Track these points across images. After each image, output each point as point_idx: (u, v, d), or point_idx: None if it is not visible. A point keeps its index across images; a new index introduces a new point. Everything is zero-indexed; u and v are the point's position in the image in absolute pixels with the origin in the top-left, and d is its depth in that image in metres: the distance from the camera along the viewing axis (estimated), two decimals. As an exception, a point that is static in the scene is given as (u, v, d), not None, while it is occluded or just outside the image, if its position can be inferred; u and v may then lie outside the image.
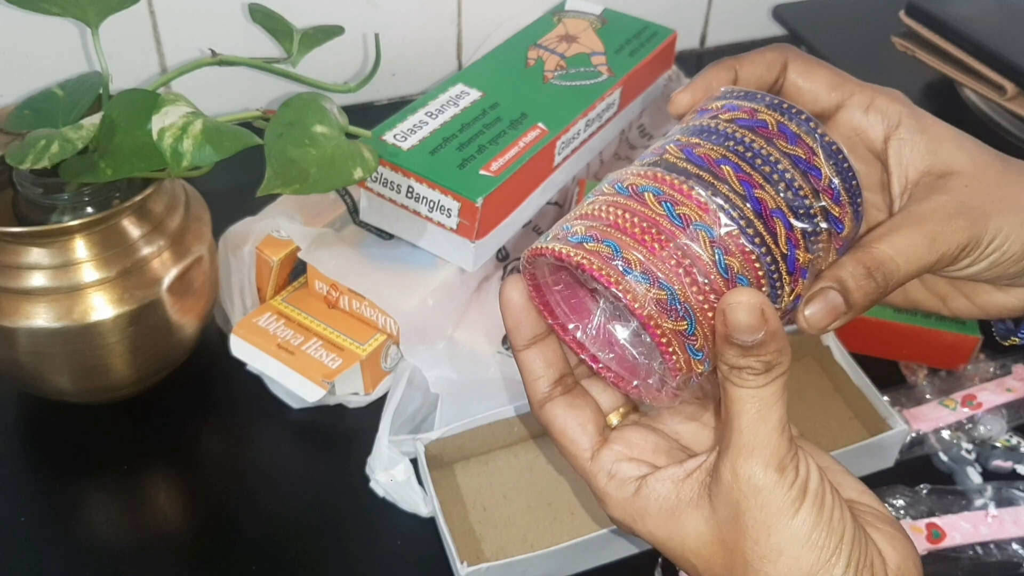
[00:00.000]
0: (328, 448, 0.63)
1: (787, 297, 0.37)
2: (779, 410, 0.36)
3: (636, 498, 0.39)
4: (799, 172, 0.37)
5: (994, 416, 0.63)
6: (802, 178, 0.37)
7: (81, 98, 0.59)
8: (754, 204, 0.36)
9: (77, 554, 0.57)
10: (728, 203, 0.36)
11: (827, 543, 0.35)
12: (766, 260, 0.36)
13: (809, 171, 0.37)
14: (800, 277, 0.37)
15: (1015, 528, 0.57)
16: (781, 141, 0.37)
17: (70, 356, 0.58)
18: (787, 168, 0.37)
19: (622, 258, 0.35)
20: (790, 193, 0.36)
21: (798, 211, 0.36)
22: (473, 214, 0.60)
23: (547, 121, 0.67)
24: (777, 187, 0.36)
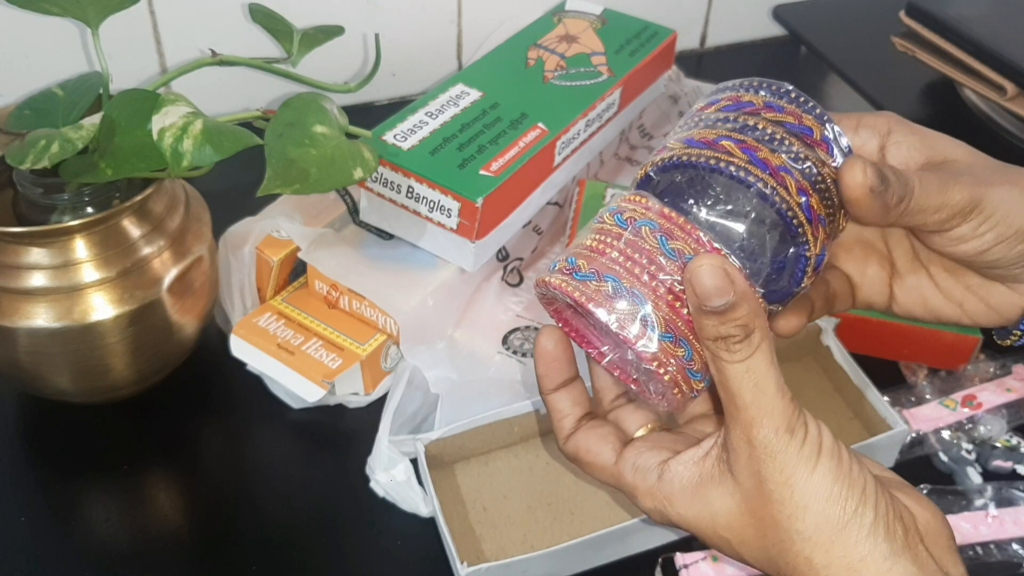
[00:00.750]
0: (328, 448, 0.63)
1: (815, 247, 0.39)
2: (774, 375, 0.37)
3: (661, 483, 0.40)
4: (792, 134, 0.39)
5: (994, 416, 0.63)
6: (795, 138, 0.39)
7: (81, 98, 0.59)
8: (760, 166, 0.38)
9: (77, 554, 0.57)
10: (740, 170, 0.38)
11: (850, 495, 0.36)
12: (786, 214, 0.38)
13: (802, 131, 0.40)
14: (820, 224, 0.39)
15: (1015, 528, 0.57)
16: (769, 113, 0.40)
17: (70, 356, 0.58)
18: (781, 133, 0.39)
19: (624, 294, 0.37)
20: (790, 152, 0.39)
21: (801, 162, 0.39)
22: (473, 214, 0.60)
23: (547, 121, 0.67)
24: (777, 148, 0.39)
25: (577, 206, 0.69)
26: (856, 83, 0.78)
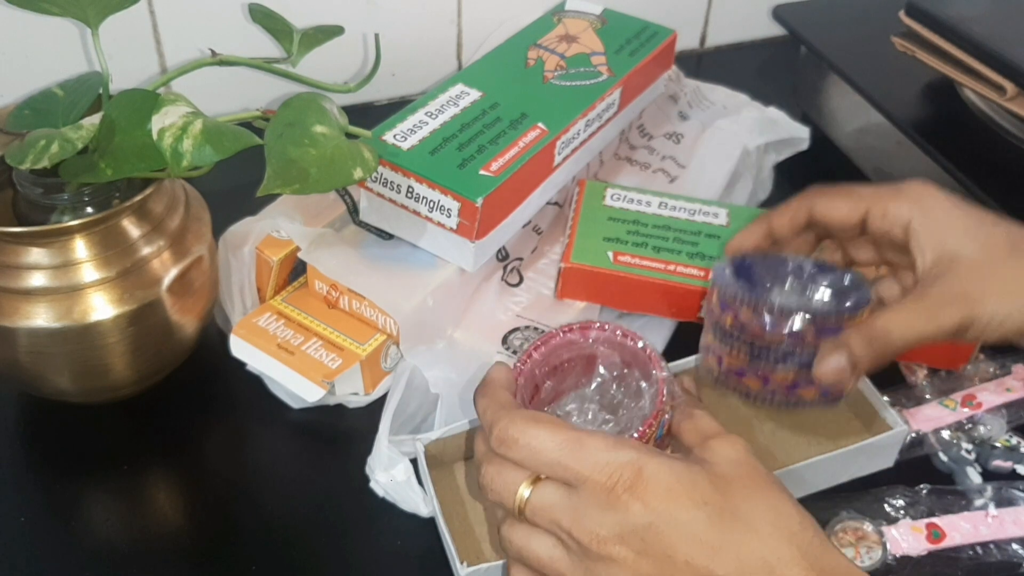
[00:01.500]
0: (328, 448, 0.63)
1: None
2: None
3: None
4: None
5: (994, 416, 0.63)
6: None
7: (81, 98, 0.59)
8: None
9: (77, 554, 0.57)
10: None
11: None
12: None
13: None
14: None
15: (1015, 528, 0.57)
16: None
17: (70, 356, 0.58)
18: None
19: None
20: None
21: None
22: (473, 214, 0.60)
23: (547, 121, 0.67)
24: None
25: (577, 206, 0.69)
26: (856, 83, 0.78)
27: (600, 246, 0.66)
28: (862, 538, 0.55)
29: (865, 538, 0.56)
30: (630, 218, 0.68)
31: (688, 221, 0.68)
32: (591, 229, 0.67)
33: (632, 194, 0.70)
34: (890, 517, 0.57)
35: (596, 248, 0.65)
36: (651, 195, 0.70)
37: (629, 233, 0.67)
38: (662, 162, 0.78)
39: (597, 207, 0.69)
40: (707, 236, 0.67)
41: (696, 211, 0.69)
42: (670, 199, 0.70)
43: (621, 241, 0.66)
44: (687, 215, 0.69)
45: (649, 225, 0.68)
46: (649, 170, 0.78)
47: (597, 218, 0.68)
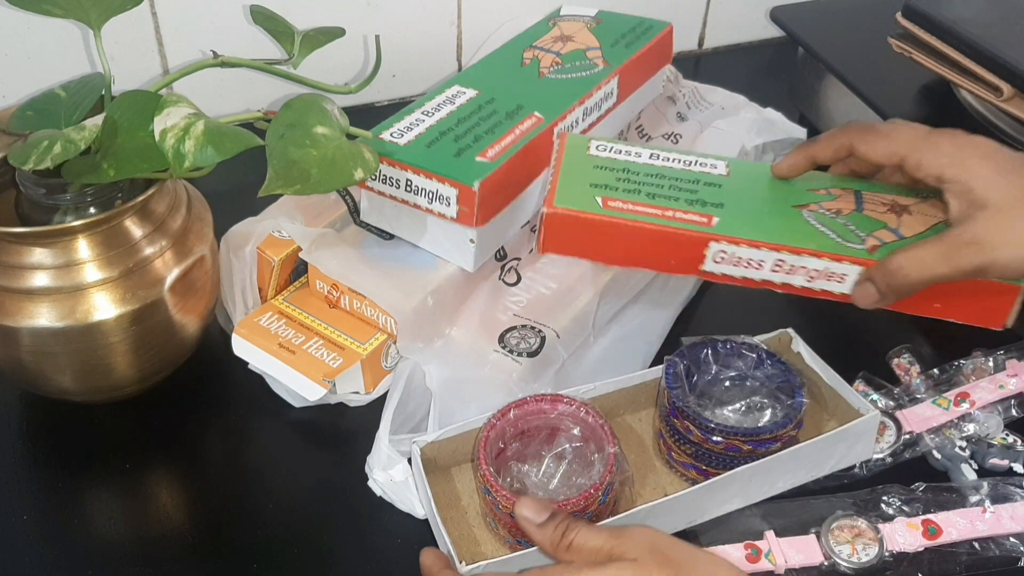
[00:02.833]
0: (329, 447, 0.64)
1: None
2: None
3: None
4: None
5: (989, 414, 0.63)
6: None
7: (83, 99, 0.59)
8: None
9: (79, 552, 0.57)
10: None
11: None
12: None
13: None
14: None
15: (1012, 523, 0.57)
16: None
17: (73, 356, 0.58)
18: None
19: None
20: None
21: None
22: (471, 199, 0.60)
23: (543, 110, 0.67)
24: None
25: (559, 159, 0.61)
26: (853, 84, 0.78)
27: (587, 191, 0.57)
28: (858, 535, 0.56)
29: (861, 535, 0.56)
30: (619, 166, 0.60)
31: (684, 170, 0.60)
32: (575, 177, 0.58)
33: (620, 145, 0.62)
34: (886, 515, 0.58)
35: (583, 193, 0.57)
36: (640, 146, 0.62)
37: (619, 180, 0.58)
38: (660, 163, 0.78)
39: (581, 157, 0.61)
40: (706, 184, 0.59)
41: (693, 162, 0.61)
42: (662, 151, 0.62)
43: (610, 187, 0.58)
44: (682, 165, 0.61)
45: (641, 173, 0.59)
46: (648, 171, 0.78)
47: (582, 167, 0.60)
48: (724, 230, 0.54)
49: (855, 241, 0.54)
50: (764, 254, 0.54)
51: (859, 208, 0.57)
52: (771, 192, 0.59)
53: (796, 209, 0.57)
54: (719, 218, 0.55)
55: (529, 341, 0.63)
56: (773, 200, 0.58)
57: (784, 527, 0.57)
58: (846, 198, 0.58)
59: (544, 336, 0.63)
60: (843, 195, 0.58)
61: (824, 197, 0.58)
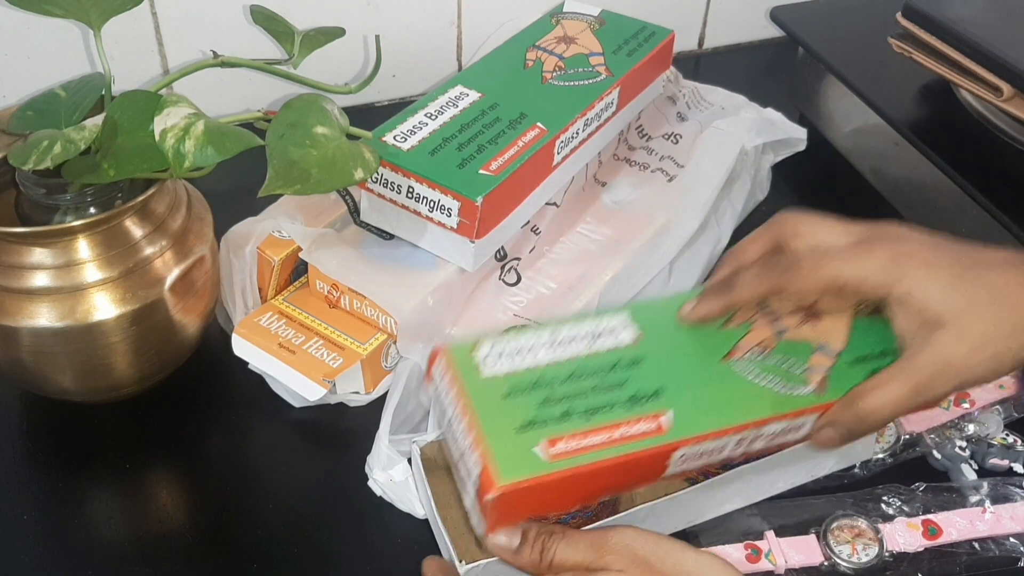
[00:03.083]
0: (329, 447, 0.64)
1: None
2: None
3: None
4: None
5: (989, 414, 0.63)
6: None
7: (84, 99, 0.59)
8: None
9: (79, 552, 0.57)
10: None
11: None
12: None
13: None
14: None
15: (1012, 524, 0.57)
16: None
17: (73, 356, 0.58)
18: None
19: None
20: None
21: None
22: (473, 213, 0.61)
23: (546, 121, 0.67)
24: None
25: (457, 394, 0.50)
26: (853, 84, 0.78)
27: (521, 443, 0.47)
28: (858, 535, 0.56)
29: (861, 535, 0.56)
30: (529, 382, 0.50)
31: (594, 356, 0.51)
32: (496, 422, 0.48)
33: (508, 343, 0.52)
34: (886, 515, 0.58)
35: (519, 448, 0.47)
36: (528, 333, 0.52)
37: (541, 405, 0.49)
38: (660, 162, 0.78)
39: (484, 388, 0.50)
40: (627, 366, 0.51)
41: (594, 334, 0.52)
42: (556, 327, 0.52)
43: (541, 423, 0.48)
44: (587, 345, 0.52)
45: (555, 381, 0.50)
46: (648, 170, 0.78)
47: (494, 405, 0.49)
48: (679, 432, 0.48)
49: (799, 383, 0.50)
50: (725, 440, 0.50)
51: (778, 331, 0.52)
52: (692, 351, 0.52)
53: (725, 364, 0.51)
54: (666, 416, 0.49)
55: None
56: (700, 363, 0.52)
57: (784, 527, 0.57)
58: (760, 323, 0.53)
59: (544, 336, 0.63)
60: (755, 319, 0.53)
61: (741, 331, 0.52)
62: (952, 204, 0.72)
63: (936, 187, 0.73)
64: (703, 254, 0.74)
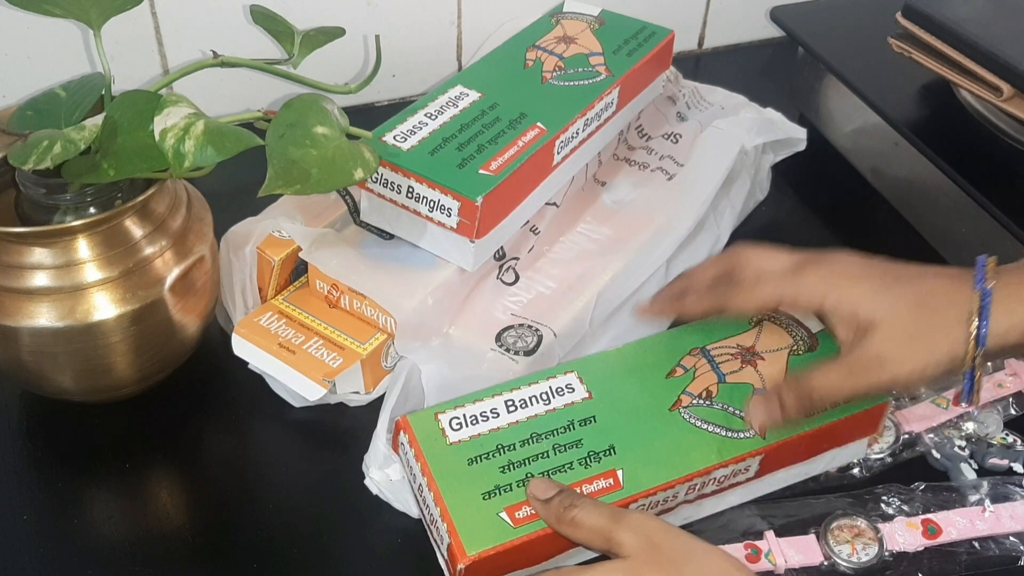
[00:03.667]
0: (329, 447, 0.64)
1: None
2: None
3: None
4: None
5: (989, 413, 0.63)
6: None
7: (83, 99, 0.59)
8: None
9: (79, 552, 0.57)
10: None
11: None
12: None
13: None
14: None
15: (1012, 523, 0.57)
16: None
17: (73, 355, 0.58)
18: None
19: None
20: None
21: None
22: (473, 213, 0.61)
23: (546, 121, 0.67)
24: None
25: (422, 463, 0.53)
26: (853, 84, 0.78)
27: (487, 511, 0.50)
28: (858, 535, 0.56)
29: (861, 535, 0.56)
30: (491, 447, 0.53)
31: (551, 415, 0.55)
32: (461, 492, 0.51)
33: (469, 407, 0.55)
34: (886, 514, 0.58)
35: (483, 516, 0.50)
36: (487, 395, 0.56)
37: (505, 470, 0.52)
38: (660, 161, 0.78)
39: (447, 457, 0.53)
40: (581, 423, 0.54)
41: (549, 392, 0.56)
42: (512, 388, 0.57)
43: (504, 489, 0.51)
44: (543, 403, 0.55)
45: (518, 444, 0.53)
46: (648, 170, 0.78)
47: (456, 472, 0.52)
48: (634, 487, 0.52)
49: (741, 427, 0.55)
50: (676, 489, 0.53)
51: (720, 376, 0.57)
52: (641, 403, 0.56)
53: (673, 413, 0.55)
54: (622, 470, 0.52)
55: (526, 340, 0.63)
56: (649, 415, 0.55)
57: (784, 527, 0.57)
58: (702, 369, 0.58)
59: (541, 335, 0.63)
60: (698, 366, 0.58)
61: (685, 379, 0.57)
62: (952, 204, 0.72)
63: (936, 187, 0.73)
64: (701, 253, 0.74)
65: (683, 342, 0.59)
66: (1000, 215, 0.66)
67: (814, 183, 0.85)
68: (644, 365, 0.58)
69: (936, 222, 0.76)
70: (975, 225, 0.70)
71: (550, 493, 0.50)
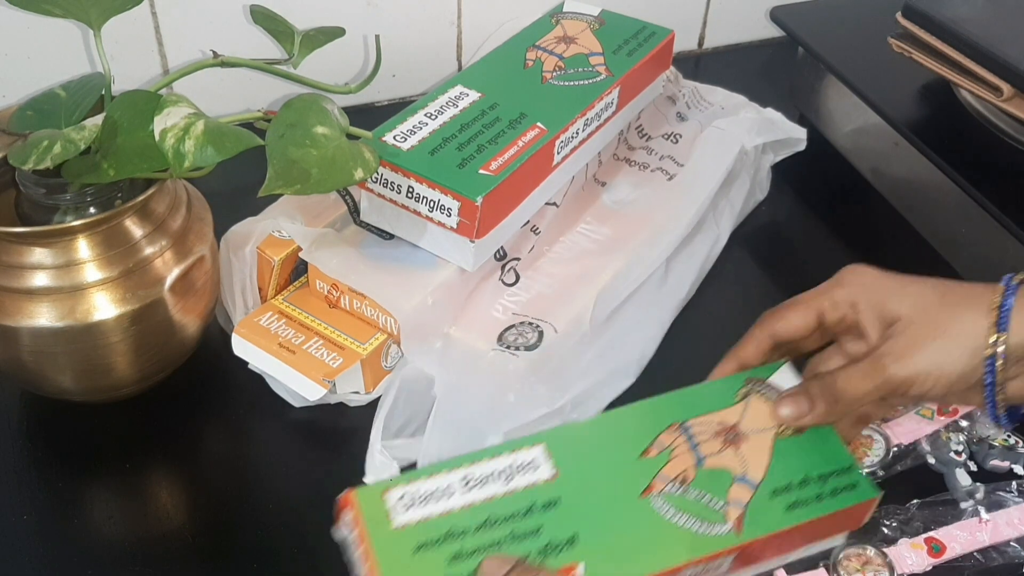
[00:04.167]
0: (329, 447, 0.64)
1: None
2: None
3: None
4: None
5: (990, 415, 0.63)
6: None
7: (83, 99, 0.59)
8: None
9: (79, 552, 0.57)
10: None
11: None
12: None
13: None
14: None
15: (1009, 529, 0.57)
16: None
17: (73, 355, 0.58)
18: None
19: None
20: None
21: None
22: (473, 213, 0.61)
23: (546, 121, 0.67)
24: None
25: (365, 549, 0.47)
26: (853, 84, 0.78)
27: None
28: (867, 563, 0.56)
29: (870, 563, 0.56)
30: (441, 532, 0.47)
31: (510, 497, 0.49)
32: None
33: (421, 484, 0.48)
34: (888, 538, 0.57)
35: None
36: (445, 471, 0.49)
37: (454, 561, 0.46)
38: (660, 162, 0.78)
39: (390, 541, 0.47)
40: (543, 508, 0.48)
41: (511, 470, 0.50)
42: (472, 464, 0.49)
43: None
44: (503, 482, 0.49)
45: (470, 531, 0.47)
46: (648, 170, 0.78)
47: (401, 561, 0.46)
48: None
49: (717, 520, 0.49)
50: None
51: (698, 460, 0.51)
52: (610, 486, 0.50)
53: (644, 500, 0.49)
54: (583, 564, 0.46)
55: (527, 336, 0.63)
56: (617, 501, 0.49)
57: (794, 563, 0.55)
58: (679, 449, 0.51)
59: (542, 331, 0.63)
60: (676, 444, 0.52)
61: (660, 461, 0.51)
62: (952, 204, 0.72)
63: (936, 187, 0.73)
64: (700, 253, 0.74)
65: (662, 415, 0.53)
66: (1000, 215, 0.66)
67: (814, 183, 0.85)
68: (617, 440, 0.52)
69: (936, 222, 0.76)
70: (975, 225, 0.70)
71: (504, 570, 0.45)
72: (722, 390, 0.54)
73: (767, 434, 0.52)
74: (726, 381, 0.55)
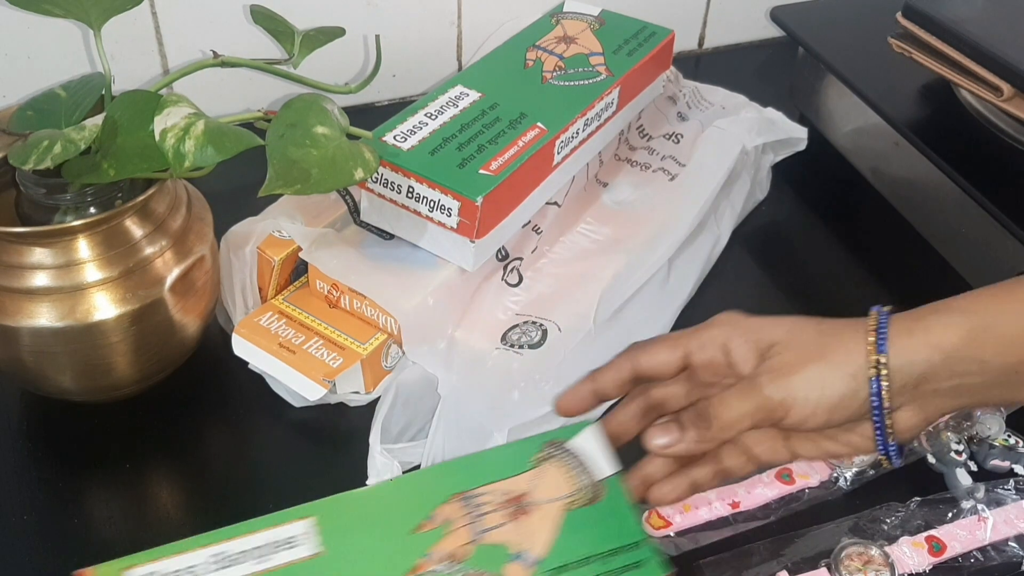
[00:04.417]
0: (329, 447, 0.64)
1: None
2: None
3: None
4: None
5: (991, 415, 0.63)
6: None
7: (84, 99, 0.59)
8: None
9: (79, 552, 0.57)
10: None
11: None
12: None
13: None
14: None
15: (1007, 528, 0.57)
16: None
17: (73, 355, 0.58)
18: None
19: None
20: None
21: None
22: (473, 213, 0.61)
23: (546, 121, 0.67)
24: None
25: None
26: (853, 84, 0.78)
27: None
28: (868, 562, 0.55)
29: (872, 561, 0.55)
30: None
31: (265, 572, 0.46)
32: None
33: (166, 561, 0.46)
34: (890, 536, 0.57)
35: None
36: (196, 545, 0.46)
37: None
38: (662, 162, 0.78)
39: None
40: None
41: (271, 546, 0.47)
42: (227, 538, 0.47)
43: None
44: (259, 561, 0.46)
45: None
46: (649, 170, 0.78)
47: None
48: None
49: None
50: None
51: (475, 533, 0.48)
52: (377, 563, 0.47)
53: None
54: None
55: (531, 335, 0.63)
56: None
57: (796, 564, 0.56)
58: (458, 523, 0.48)
59: (546, 329, 0.63)
60: (456, 517, 0.48)
61: (435, 536, 0.47)
62: (952, 204, 0.72)
63: (936, 187, 0.73)
64: (702, 253, 0.74)
65: (446, 484, 0.49)
66: (1000, 215, 0.66)
67: (814, 183, 0.85)
68: (394, 513, 0.48)
69: (936, 222, 0.76)
70: (975, 225, 0.70)
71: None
72: (517, 454, 0.51)
73: (556, 505, 0.49)
74: (522, 444, 0.52)
